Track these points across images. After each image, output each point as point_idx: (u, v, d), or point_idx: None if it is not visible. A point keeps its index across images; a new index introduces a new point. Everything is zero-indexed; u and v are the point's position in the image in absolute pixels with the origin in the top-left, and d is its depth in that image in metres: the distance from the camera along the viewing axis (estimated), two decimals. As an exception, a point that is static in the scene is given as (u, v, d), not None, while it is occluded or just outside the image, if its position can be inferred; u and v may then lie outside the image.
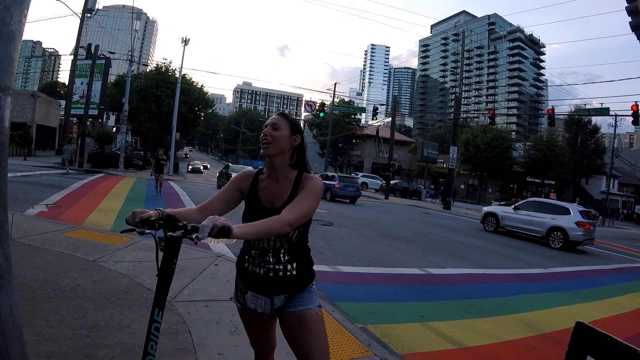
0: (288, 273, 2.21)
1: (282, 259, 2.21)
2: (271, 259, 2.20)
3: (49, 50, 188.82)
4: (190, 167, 52.82)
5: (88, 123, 32.87)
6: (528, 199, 19.82)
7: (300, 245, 2.26)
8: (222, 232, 1.75)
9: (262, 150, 2.22)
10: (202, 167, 56.29)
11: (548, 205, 17.52)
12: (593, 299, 8.58)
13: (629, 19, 11.76)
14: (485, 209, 19.93)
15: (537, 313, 6.88)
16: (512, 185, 57.57)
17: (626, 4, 11.78)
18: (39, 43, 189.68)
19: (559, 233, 15.88)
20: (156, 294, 1.93)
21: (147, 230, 1.94)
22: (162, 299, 1.93)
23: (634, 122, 24.24)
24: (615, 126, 41.55)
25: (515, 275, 10.13)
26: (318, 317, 2.24)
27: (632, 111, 23.50)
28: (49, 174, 21.23)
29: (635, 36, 11.99)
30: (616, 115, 37.34)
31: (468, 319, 6.10)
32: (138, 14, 36.59)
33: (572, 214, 16.04)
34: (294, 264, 2.22)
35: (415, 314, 6.11)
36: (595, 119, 58.18)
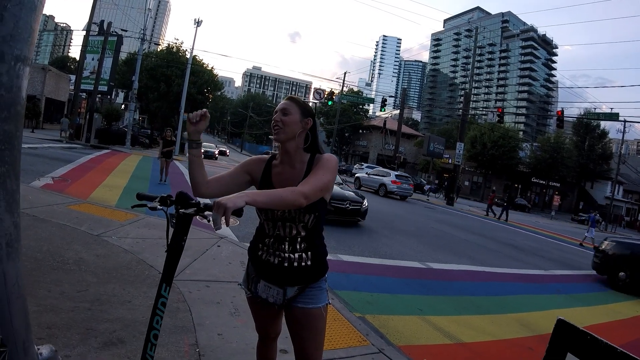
0: (303, 263, 2.16)
1: (298, 247, 2.16)
2: (287, 247, 2.15)
3: (62, 24, 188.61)
4: (202, 151, 45.44)
5: (97, 99, 32.89)
6: (373, 167, 30.41)
7: (316, 233, 2.22)
8: (234, 213, 1.71)
9: (274, 137, 2.19)
10: (217, 152, 44.99)
11: (380, 171, 29.47)
12: (591, 304, 8.59)
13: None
14: (357, 175, 30.92)
15: (535, 314, 6.89)
16: (516, 185, 57.38)
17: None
18: (51, 17, 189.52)
19: (382, 186, 26.62)
20: (164, 269, 1.94)
21: (159, 207, 1.93)
22: (170, 274, 1.94)
23: (643, 129, 24.11)
24: (624, 132, 41.38)
25: (515, 275, 10.13)
26: (323, 316, 2.23)
27: (642, 117, 23.32)
28: (56, 147, 21.29)
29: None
30: (625, 121, 37.18)
31: (466, 315, 6.11)
32: (152, -8, 36.42)
33: (390, 176, 26.87)
34: (309, 253, 2.18)
35: (413, 306, 6.13)
36: (604, 124, 57.89)
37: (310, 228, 2.16)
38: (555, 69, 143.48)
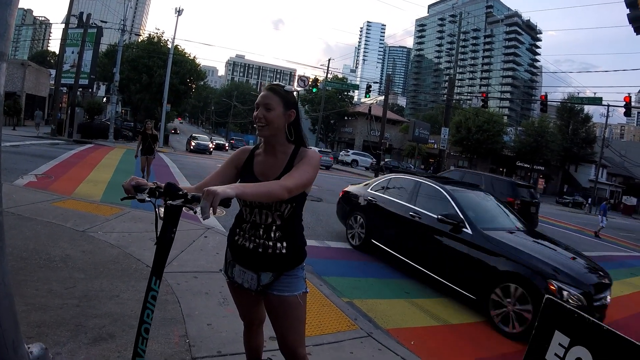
0: (277, 251, 2.18)
1: (273, 235, 2.19)
2: (262, 234, 2.18)
3: (40, 18, 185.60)
4: (193, 143, 36.00)
5: (78, 93, 32.43)
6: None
7: (292, 223, 2.24)
8: (222, 204, 1.72)
9: (257, 132, 2.19)
10: (211, 146, 37.60)
11: None
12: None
13: (628, 11, 11.78)
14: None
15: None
16: (501, 169, 57.82)
17: (625, -4, 11.81)
18: (29, 11, 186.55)
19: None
20: (154, 262, 1.94)
21: (147, 198, 1.93)
22: (159, 268, 1.94)
23: (626, 113, 24.38)
24: (607, 116, 41.78)
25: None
26: (300, 304, 2.25)
27: (624, 102, 23.55)
28: (38, 144, 21.04)
29: (632, 28, 12.03)
30: (609, 106, 37.50)
31: (452, 298, 6.19)
32: (131, -18, 35.97)
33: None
34: (284, 243, 2.20)
35: (401, 290, 6.22)
36: (588, 108, 58.70)
37: (286, 217, 2.19)
38: (540, 54, 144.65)
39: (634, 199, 54.74)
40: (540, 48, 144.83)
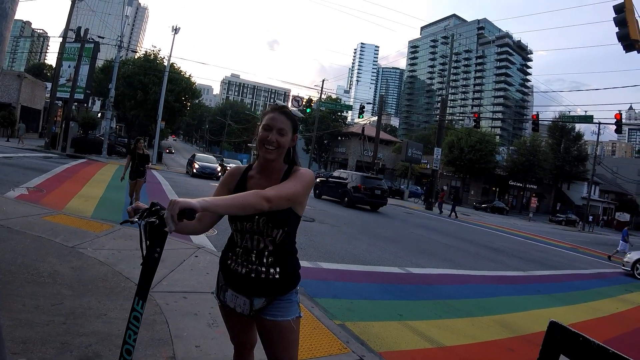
0: (270, 277, 2.14)
1: (266, 261, 2.14)
2: (254, 259, 2.14)
3: (38, 30, 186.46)
4: (196, 166, 29.45)
5: (73, 107, 32.50)
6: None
7: (285, 249, 2.20)
8: (184, 216, 1.69)
9: (265, 154, 2.13)
10: (219, 169, 30.29)
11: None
12: (571, 303, 8.73)
13: (617, 29, 11.95)
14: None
15: (515, 315, 6.97)
16: (494, 188, 58.11)
17: (614, 15, 11.99)
18: (28, 23, 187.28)
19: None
20: (139, 283, 1.90)
21: (135, 219, 1.89)
22: (144, 289, 1.90)
23: (617, 131, 24.63)
24: (599, 134, 42.13)
25: (495, 277, 10.25)
26: (294, 329, 2.20)
27: (615, 119, 23.84)
28: (31, 157, 20.94)
29: (621, 46, 12.20)
30: (600, 123, 37.78)
31: (446, 319, 6.15)
32: (129, -1, 36.21)
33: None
34: (277, 268, 2.16)
35: (394, 312, 6.15)
36: (579, 126, 59.39)
37: (278, 243, 2.15)
38: (531, 74, 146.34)
39: (627, 215, 55.16)
40: (531, 68, 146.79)
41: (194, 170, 29.23)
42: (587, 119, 30.37)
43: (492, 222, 30.43)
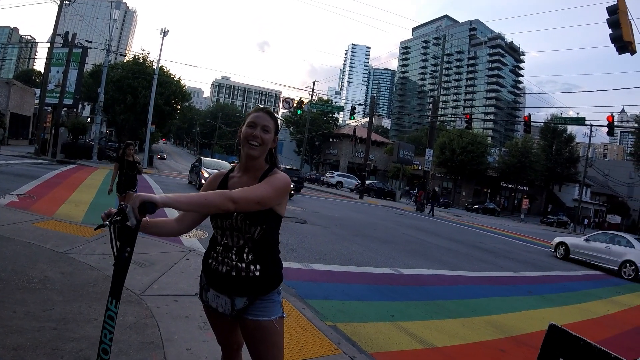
0: (251, 274, 2.15)
1: (246, 258, 2.16)
2: (234, 257, 2.16)
3: (26, 37, 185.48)
4: (205, 174, 20.26)
5: (63, 113, 32.28)
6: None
7: (265, 246, 2.21)
8: (145, 209, 1.72)
9: (248, 150, 2.17)
10: None
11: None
12: (562, 304, 8.79)
13: (610, 31, 12.03)
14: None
15: (506, 316, 7.02)
16: (485, 190, 58.34)
17: (607, 17, 12.08)
18: (15, 30, 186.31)
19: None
20: (112, 283, 1.91)
21: (107, 222, 1.90)
22: (117, 289, 1.91)
23: (609, 133, 24.73)
24: (590, 136, 42.47)
25: (486, 278, 10.30)
26: (277, 329, 2.21)
27: (607, 122, 23.97)
28: (21, 163, 20.81)
29: (615, 48, 12.28)
30: (592, 125, 38.04)
31: (437, 320, 6.19)
32: (117, 3, 36.27)
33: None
34: (257, 265, 2.17)
35: (385, 313, 6.18)
36: (571, 128, 59.71)
37: (257, 240, 2.16)
38: (523, 76, 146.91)
39: (618, 217, 55.45)
40: (523, 69, 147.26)
41: (202, 181, 19.84)
42: (579, 121, 30.46)
43: (483, 223, 30.58)
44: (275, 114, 2.30)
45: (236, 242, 2.17)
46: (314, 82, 45.71)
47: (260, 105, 2.33)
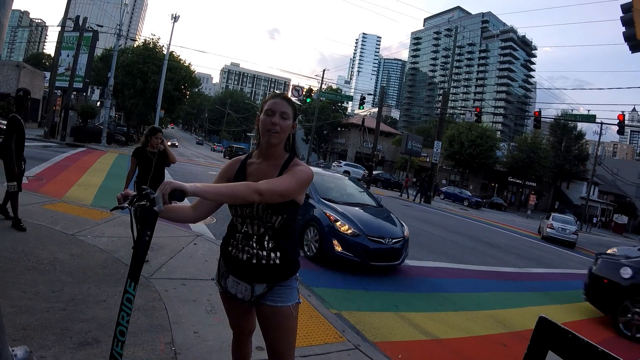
0: (271, 262, 2.17)
1: (266, 245, 2.18)
2: (255, 245, 2.18)
3: (36, 20, 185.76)
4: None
5: (72, 96, 32.35)
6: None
7: (285, 234, 2.23)
8: (174, 197, 1.75)
9: (269, 138, 2.17)
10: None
11: None
12: (565, 302, 8.76)
13: (623, 29, 11.87)
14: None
15: (509, 311, 7.03)
16: (493, 184, 58.06)
17: (621, 14, 11.91)
18: (26, 13, 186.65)
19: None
20: (130, 266, 1.93)
21: (126, 204, 1.92)
22: (136, 271, 1.93)
23: (619, 132, 24.45)
24: (600, 134, 42.00)
25: (491, 272, 10.30)
26: (293, 315, 2.24)
27: (618, 120, 23.72)
28: (30, 146, 20.91)
29: (627, 46, 12.12)
30: (602, 123, 37.63)
31: (441, 312, 6.22)
32: (129, -12, 36.05)
33: None
34: (278, 253, 2.19)
35: (390, 303, 6.21)
36: (581, 125, 59.14)
37: (277, 229, 2.18)
38: (534, 70, 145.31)
39: (625, 217, 54.98)
40: (534, 64, 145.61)
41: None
42: (590, 119, 30.13)
43: (490, 218, 30.52)
44: (292, 100, 2.30)
45: (257, 230, 2.18)
46: (324, 70, 45.55)
47: (277, 92, 2.31)
